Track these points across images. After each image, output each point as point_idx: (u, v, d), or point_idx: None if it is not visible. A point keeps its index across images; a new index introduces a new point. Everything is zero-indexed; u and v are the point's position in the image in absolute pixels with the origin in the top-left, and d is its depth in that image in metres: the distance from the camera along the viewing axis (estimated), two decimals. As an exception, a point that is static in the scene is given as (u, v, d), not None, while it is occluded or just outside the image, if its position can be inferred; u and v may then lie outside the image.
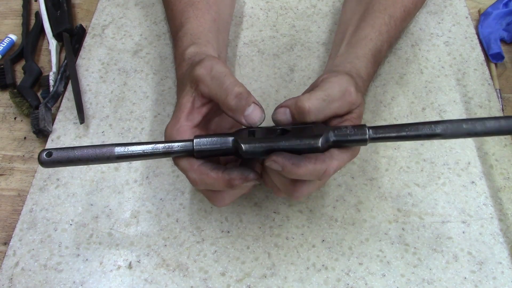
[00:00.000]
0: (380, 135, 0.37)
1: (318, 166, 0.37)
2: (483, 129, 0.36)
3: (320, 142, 0.37)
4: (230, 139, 0.38)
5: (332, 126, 0.39)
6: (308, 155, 0.37)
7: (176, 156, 0.39)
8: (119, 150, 0.37)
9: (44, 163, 0.36)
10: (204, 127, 0.42)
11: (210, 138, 0.38)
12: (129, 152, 0.37)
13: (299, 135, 0.37)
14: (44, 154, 0.36)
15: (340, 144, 0.38)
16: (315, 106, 0.37)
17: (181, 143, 0.38)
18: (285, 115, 0.39)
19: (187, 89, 0.41)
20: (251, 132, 0.38)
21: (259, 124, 0.39)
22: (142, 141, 0.53)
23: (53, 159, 0.36)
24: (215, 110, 0.42)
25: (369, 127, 0.38)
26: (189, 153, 0.38)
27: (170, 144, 0.38)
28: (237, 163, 0.43)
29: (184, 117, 0.40)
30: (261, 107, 0.38)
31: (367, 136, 0.37)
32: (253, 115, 0.38)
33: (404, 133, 0.37)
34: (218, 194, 0.41)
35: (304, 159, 0.36)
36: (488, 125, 0.36)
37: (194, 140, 0.38)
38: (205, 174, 0.38)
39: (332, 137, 0.37)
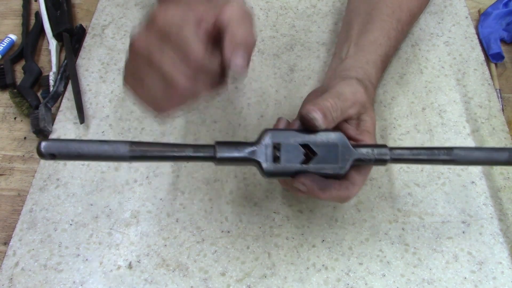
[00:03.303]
0: (400, 157, 0.39)
1: (342, 193, 0.39)
2: (505, 159, 0.38)
3: (345, 171, 0.39)
4: (253, 158, 0.38)
5: (353, 144, 0.40)
6: (333, 181, 0.39)
7: (197, 161, 0.38)
8: (133, 149, 0.35)
9: (43, 154, 0.33)
10: None
11: (232, 151, 0.37)
12: (143, 151, 0.35)
13: (323, 162, 0.38)
14: (44, 144, 0.33)
15: (360, 164, 0.40)
16: (331, 105, 0.38)
17: (203, 151, 0.37)
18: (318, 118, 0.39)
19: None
20: (276, 146, 0.38)
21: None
22: (143, 141, 0.53)
23: (55, 148, 0.33)
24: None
25: (390, 148, 0.39)
26: (210, 159, 0.37)
27: (195, 149, 0.37)
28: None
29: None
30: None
31: (388, 157, 0.39)
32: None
33: (423, 157, 0.39)
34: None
35: (330, 186, 0.39)
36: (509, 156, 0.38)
37: (217, 147, 0.37)
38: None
39: (354, 159, 0.39)
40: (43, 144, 0.33)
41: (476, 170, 0.51)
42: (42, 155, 0.33)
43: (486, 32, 0.64)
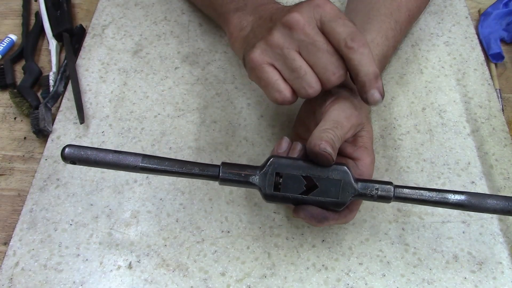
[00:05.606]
0: (404, 196, 0.39)
1: (340, 221, 0.41)
2: None
3: (343, 207, 0.39)
4: (256, 185, 0.39)
5: (356, 178, 0.39)
6: (331, 212, 0.40)
7: (199, 179, 0.40)
8: (145, 162, 0.38)
9: (65, 158, 0.37)
10: None
11: (235, 174, 0.39)
12: (153, 166, 0.38)
13: (323, 195, 0.39)
14: (67, 150, 0.37)
15: (361, 199, 0.40)
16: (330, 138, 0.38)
17: (208, 170, 0.39)
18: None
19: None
20: (277, 174, 0.39)
21: None
22: (143, 142, 0.53)
23: (77, 154, 0.37)
24: None
25: (395, 186, 0.39)
26: (214, 178, 0.39)
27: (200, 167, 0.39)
28: None
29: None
30: None
31: (392, 195, 0.39)
32: None
33: (429, 198, 0.39)
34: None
35: (327, 218, 0.40)
36: None
37: (222, 168, 0.39)
38: None
39: (355, 195, 0.39)
40: (67, 150, 0.37)
41: (476, 170, 0.51)
42: (64, 159, 0.37)
43: (486, 32, 0.64)
